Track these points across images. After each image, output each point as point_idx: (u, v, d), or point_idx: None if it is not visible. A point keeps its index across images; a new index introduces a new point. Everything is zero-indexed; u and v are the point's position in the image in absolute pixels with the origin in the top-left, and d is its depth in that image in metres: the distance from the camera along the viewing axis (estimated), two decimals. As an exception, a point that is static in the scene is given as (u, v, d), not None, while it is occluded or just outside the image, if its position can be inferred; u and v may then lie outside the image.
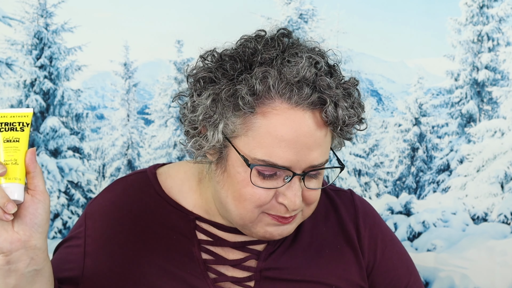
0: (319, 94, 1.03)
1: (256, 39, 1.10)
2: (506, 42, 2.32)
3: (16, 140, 1.01)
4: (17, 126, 1.02)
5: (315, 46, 1.11)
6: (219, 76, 1.07)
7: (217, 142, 1.07)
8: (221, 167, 1.10)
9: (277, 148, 1.03)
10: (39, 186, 0.99)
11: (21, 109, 1.04)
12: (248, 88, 1.02)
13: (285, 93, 1.03)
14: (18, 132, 1.02)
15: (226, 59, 1.08)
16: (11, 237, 0.97)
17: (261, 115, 1.04)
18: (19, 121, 1.02)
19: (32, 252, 0.99)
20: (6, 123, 1.02)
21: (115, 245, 1.18)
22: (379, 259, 1.27)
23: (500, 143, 2.32)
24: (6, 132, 1.01)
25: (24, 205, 0.98)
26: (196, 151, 1.12)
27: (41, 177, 1.00)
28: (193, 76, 1.11)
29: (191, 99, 1.11)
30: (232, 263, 1.19)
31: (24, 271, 0.99)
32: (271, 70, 1.03)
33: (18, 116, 1.03)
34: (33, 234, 0.98)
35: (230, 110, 1.05)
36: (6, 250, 0.97)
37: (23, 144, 1.01)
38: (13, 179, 0.98)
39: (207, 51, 1.12)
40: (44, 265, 1.03)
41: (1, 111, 1.03)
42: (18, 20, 2.21)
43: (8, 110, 1.03)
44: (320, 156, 1.06)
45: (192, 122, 1.10)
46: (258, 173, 1.06)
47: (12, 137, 1.01)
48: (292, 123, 1.03)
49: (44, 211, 0.99)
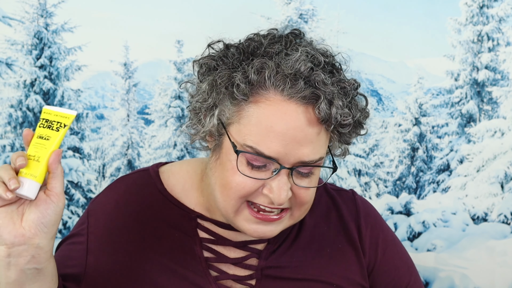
0: (312, 89, 1.03)
1: (265, 35, 1.11)
2: (506, 42, 2.32)
3: (47, 138, 1.01)
4: (55, 125, 1.03)
5: (324, 47, 1.11)
6: (220, 64, 1.08)
7: (213, 127, 1.08)
8: (215, 154, 1.12)
9: (266, 138, 1.03)
10: (56, 188, 0.99)
11: (66, 110, 1.04)
12: (244, 76, 1.04)
13: (279, 85, 1.03)
14: (53, 131, 1.02)
15: (230, 49, 1.10)
16: (16, 231, 0.97)
17: (254, 104, 1.04)
18: (58, 121, 1.03)
19: (33, 250, 0.99)
20: (47, 120, 1.03)
21: (117, 242, 1.18)
22: (380, 258, 1.27)
23: (500, 143, 2.33)
24: (42, 129, 1.02)
25: (36, 203, 0.99)
26: (193, 136, 1.13)
27: (60, 179, 1.00)
28: (197, 62, 1.12)
29: (196, 86, 1.12)
30: (233, 261, 1.19)
31: (24, 267, 1.00)
32: (269, 62, 1.04)
33: (60, 115, 1.04)
34: (38, 233, 0.98)
35: (227, 97, 1.06)
36: (8, 242, 0.97)
37: (52, 144, 1.01)
38: (29, 175, 0.98)
39: (215, 41, 1.13)
40: (47, 265, 1.02)
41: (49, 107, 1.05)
42: (18, 20, 2.21)
43: (55, 108, 1.04)
44: (311, 153, 1.06)
45: (195, 108, 1.12)
46: (247, 163, 1.06)
47: (45, 134, 1.02)
48: (283, 115, 1.03)
49: (55, 213, 0.99)
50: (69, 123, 1.04)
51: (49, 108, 1.04)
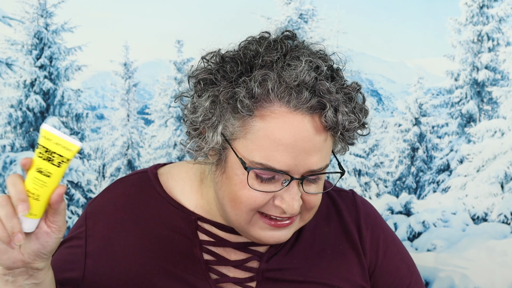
0: (318, 98, 1.02)
1: (259, 41, 1.09)
2: (506, 42, 2.32)
3: (48, 175, 0.92)
4: (56, 159, 0.92)
5: (319, 49, 1.10)
6: (219, 78, 1.06)
7: (216, 144, 1.06)
8: (220, 169, 1.10)
9: (275, 152, 1.02)
10: (58, 222, 0.97)
11: (70, 139, 0.93)
12: (247, 91, 1.02)
13: (284, 97, 1.02)
14: (53, 166, 0.92)
15: (227, 61, 1.07)
16: (15, 257, 0.96)
17: (260, 118, 1.03)
18: (60, 154, 0.92)
19: (32, 271, 0.99)
20: (46, 150, 0.92)
21: (116, 245, 1.18)
22: (381, 259, 1.27)
23: (500, 143, 2.33)
24: (41, 160, 0.92)
25: (37, 235, 0.97)
26: (195, 152, 1.11)
27: (63, 215, 0.97)
28: (194, 77, 1.11)
29: (191, 100, 1.11)
30: (233, 264, 1.19)
31: (22, 283, 1.00)
32: (271, 73, 1.02)
33: (62, 146, 0.93)
34: (37, 259, 0.98)
35: (229, 113, 1.04)
36: (7, 266, 0.97)
37: (53, 182, 0.93)
38: (29, 214, 0.93)
39: (209, 52, 1.12)
40: (44, 278, 1.02)
41: (49, 130, 0.93)
42: (18, 20, 2.20)
43: (56, 132, 0.92)
44: (319, 161, 1.06)
45: (193, 123, 1.10)
46: (256, 176, 1.05)
47: (45, 169, 0.92)
48: (290, 127, 1.02)
49: (55, 243, 0.98)
50: (72, 157, 0.93)
51: (49, 131, 0.93)
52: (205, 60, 1.11)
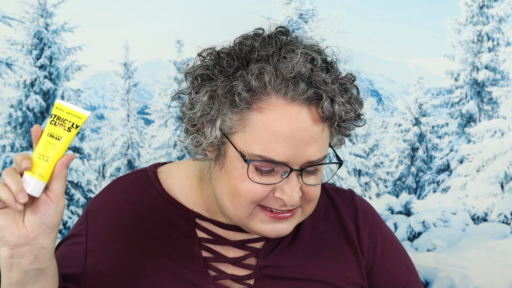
0: (315, 89, 1.04)
1: (254, 37, 1.10)
2: (506, 42, 2.32)
3: (58, 138, 1.00)
4: (67, 124, 1.01)
5: (313, 44, 1.11)
6: (216, 73, 1.07)
7: (215, 139, 1.08)
8: (219, 164, 1.11)
9: (274, 144, 1.04)
10: (57, 190, 0.99)
11: (79, 109, 1.02)
12: (244, 84, 1.03)
13: (281, 89, 1.03)
14: (64, 131, 1.01)
15: (223, 57, 1.09)
16: (19, 232, 0.98)
17: (258, 111, 1.04)
18: (71, 120, 1.01)
19: (37, 250, 0.99)
20: (58, 117, 1.01)
21: (116, 242, 1.18)
22: (379, 258, 1.28)
23: (500, 143, 2.33)
24: (53, 127, 1.00)
25: (37, 203, 0.99)
26: (195, 148, 1.12)
27: (63, 182, 1.00)
28: (191, 74, 1.12)
29: (189, 97, 1.12)
30: (232, 261, 1.19)
31: (26, 268, 1.00)
32: (267, 66, 1.03)
33: (73, 114, 1.01)
34: (40, 233, 0.99)
35: (227, 107, 1.05)
36: (12, 243, 0.98)
37: (63, 145, 1.00)
38: (36, 175, 0.98)
39: (205, 49, 1.13)
40: (49, 265, 1.03)
41: (62, 102, 1.02)
42: (18, 20, 2.21)
43: (68, 104, 1.02)
44: (318, 151, 1.06)
45: (191, 120, 1.11)
46: (255, 169, 1.06)
47: (56, 133, 1.00)
48: (288, 118, 1.03)
49: (55, 214, 0.99)
50: (82, 124, 1.02)
51: (62, 103, 1.02)
52: (201, 57, 1.12)
